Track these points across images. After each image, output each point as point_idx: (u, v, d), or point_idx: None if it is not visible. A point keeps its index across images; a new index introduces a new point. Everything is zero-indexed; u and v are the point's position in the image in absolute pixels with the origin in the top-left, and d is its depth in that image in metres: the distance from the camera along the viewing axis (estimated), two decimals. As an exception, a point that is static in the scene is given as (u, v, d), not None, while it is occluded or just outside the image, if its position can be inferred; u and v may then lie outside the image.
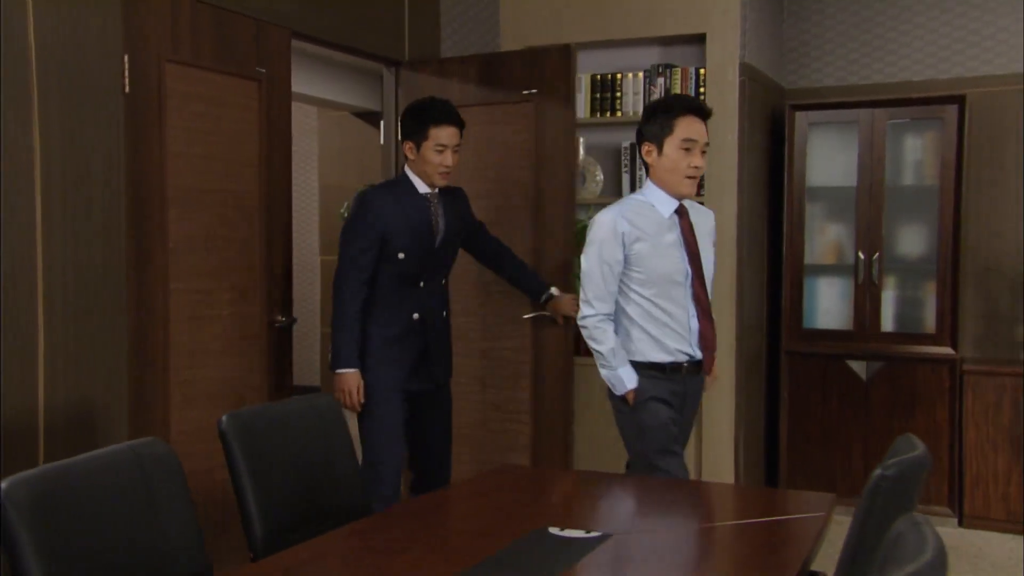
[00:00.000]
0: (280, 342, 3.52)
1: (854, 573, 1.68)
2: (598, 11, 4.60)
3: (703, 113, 2.99)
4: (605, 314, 2.96)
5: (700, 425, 4.48)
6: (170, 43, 2.96)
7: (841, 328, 4.80)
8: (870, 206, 4.69)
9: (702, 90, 4.47)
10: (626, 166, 4.70)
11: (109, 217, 2.75)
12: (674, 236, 2.97)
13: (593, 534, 2.05)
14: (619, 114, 4.67)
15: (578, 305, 3.10)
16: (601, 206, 4.63)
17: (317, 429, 2.45)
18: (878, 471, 1.75)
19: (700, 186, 4.51)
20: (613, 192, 4.74)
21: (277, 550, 2.05)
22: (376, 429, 3.28)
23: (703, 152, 2.99)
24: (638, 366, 2.96)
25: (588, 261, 2.97)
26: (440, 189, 3.42)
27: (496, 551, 1.95)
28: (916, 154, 4.74)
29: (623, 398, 2.98)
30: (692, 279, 2.96)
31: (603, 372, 2.97)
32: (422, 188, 3.36)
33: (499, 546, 1.98)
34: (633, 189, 4.68)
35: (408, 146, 3.35)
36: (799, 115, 4.76)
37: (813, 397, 4.81)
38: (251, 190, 3.35)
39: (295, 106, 6.71)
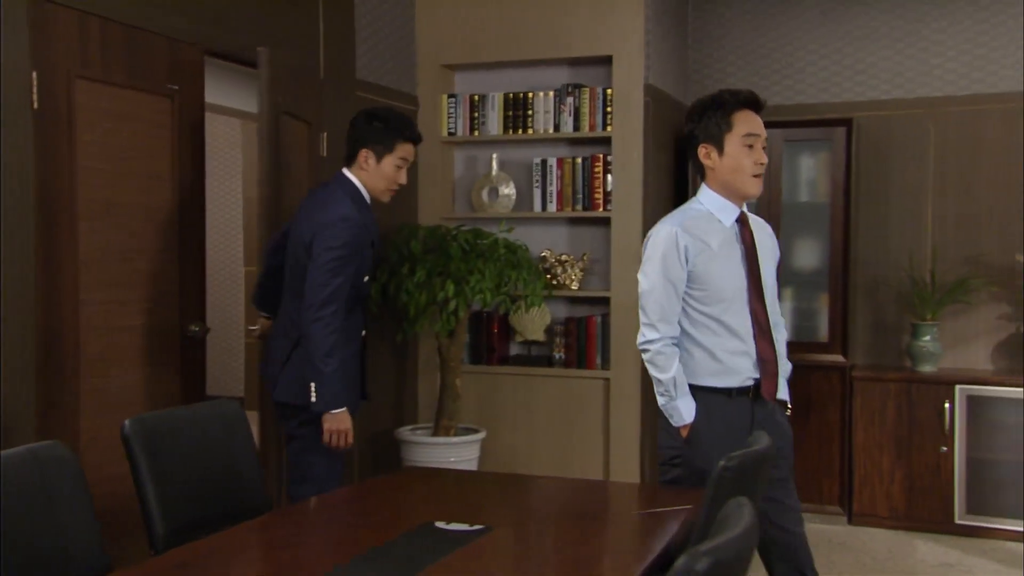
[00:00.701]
0: (193, 351, 3.60)
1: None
2: (511, 32, 4.79)
3: (758, 105, 2.75)
4: (671, 338, 2.67)
5: (607, 429, 4.69)
6: (80, 60, 3.04)
7: (741, 337, 5.03)
8: (768, 221, 4.93)
9: (609, 109, 4.69)
10: (537, 181, 4.89)
11: (17, 230, 2.82)
12: (736, 247, 2.71)
13: (476, 527, 2.21)
14: (531, 131, 4.86)
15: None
16: (513, 220, 4.86)
17: (221, 433, 2.56)
18: (722, 462, 1.93)
19: (608, 201, 4.73)
20: (525, 207, 4.92)
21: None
22: (334, 459, 3.10)
23: (763, 149, 2.74)
24: (701, 391, 2.67)
25: (649, 279, 2.69)
26: None
27: (383, 542, 2.09)
28: (810, 173, 5.03)
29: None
30: (750, 294, 2.69)
31: (660, 400, 2.68)
32: (368, 200, 3.20)
33: (387, 538, 2.12)
34: (544, 204, 4.88)
35: (365, 154, 3.14)
36: (701, 134, 5.00)
37: (715, 403, 5.03)
38: (164, 203, 3.44)
39: (219, 118, 6.79)
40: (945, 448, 4.62)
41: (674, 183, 5.14)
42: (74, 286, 3.08)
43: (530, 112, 4.87)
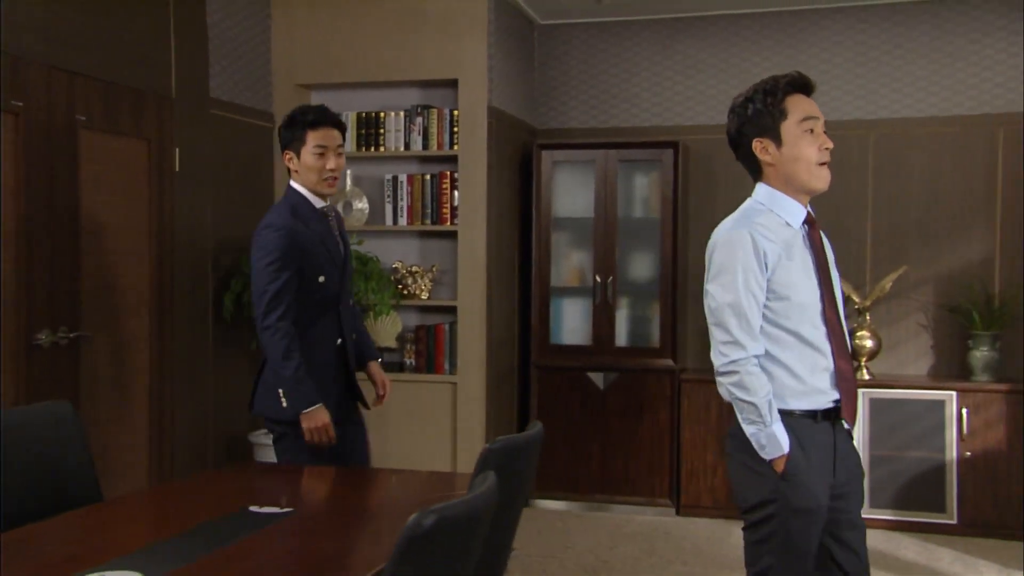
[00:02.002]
0: (41, 359, 3.72)
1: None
2: (364, 54, 5.06)
3: (809, 87, 2.45)
4: (756, 355, 2.35)
5: (455, 430, 4.98)
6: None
7: (582, 344, 5.41)
8: (605, 235, 5.34)
9: (455, 129, 5.00)
10: (389, 197, 5.15)
11: None
12: (807, 252, 2.42)
13: (286, 510, 2.45)
14: (383, 149, 5.13)
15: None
16: (366, 234, 5.12)
17: (53, 432, 2.73)
18: (487, 446, 2.22)
19: (455, 216, 5.03)
20: (378, 220, 5.18)
21: None
22: (323, 458, 3.08)
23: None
24: (786, 416, 2.35)
25: (728, 291, 2.35)
26: (332, 206, 3.28)
27: (197, 524, 2.31)
28: (643, 191, 5.44)
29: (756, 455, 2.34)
30: (824, 304, 2.40)
31: (750, 431, 2.33)
32: (317, 203, 3.17)
33: (203, 520, 2.34)
34: (395, 218, 5.15)
35: (288, 157, 3.17)
36: (545, 154, 5.37)
37: (559, 406, 5.38)
38: (8, 216, 3.56)
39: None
40: (761, 443, 5.07)
41: (520, 199, 5.48)
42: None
43: (382, 131, 5.14)
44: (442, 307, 5.18)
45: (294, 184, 3.19)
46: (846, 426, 2.44)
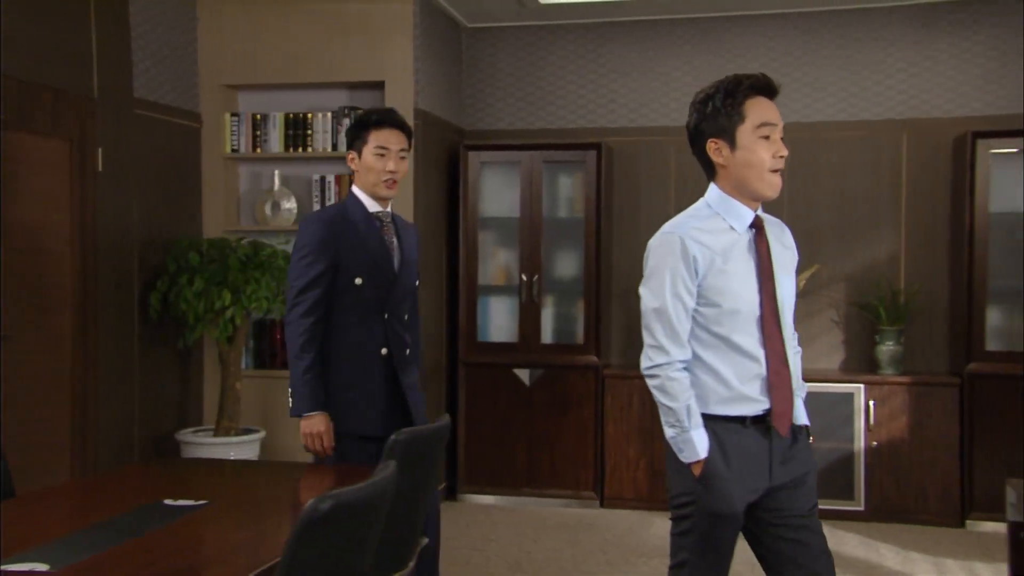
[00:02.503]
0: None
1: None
2: (291, 56, 5.11)
3: (772, 90, 2.40)
4: (681, 361, 2.33)
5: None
6: None
7: (509, 341, 5.52)
8: (531, 235, 5.46)
9: (383, 131, 5.07)
10: (317, 197, 5.21)
11: None
12: (750, 257, 2.36)
13: (200, 502, 2.52)
14: (311, 150, 5.18)
15: None
16: (293, 234, 5.17)
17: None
18: (392, 437, 2.32)
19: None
20: (306, 220, 5.23)
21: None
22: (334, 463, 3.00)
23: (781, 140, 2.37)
24: (711, 421, 2.34)
25: (656, 296, 2.34)
26: (393, 214, 3.20)
27: (110, 517, 2.37)
28: (567, 191, 5.58)
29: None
30: (763, 311, 2.34)
31: (669, 433, 2.35)
32: (371, 207, 3.11)
33: (117, 513, 2.40)
34: (323, 217, 5.20)
35: (351, 157, 3.13)
36: (472, 155, 5.47)
37: (486, 402, 5.49)
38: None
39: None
40: (681, 436, 5.24)
41: (448, 199, 5.58)
42: None
43: (310, 132, 5.19)
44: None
45: (353, 187, 3.15)
46: (807, 426, 2.45)
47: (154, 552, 2.10)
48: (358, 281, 3.01)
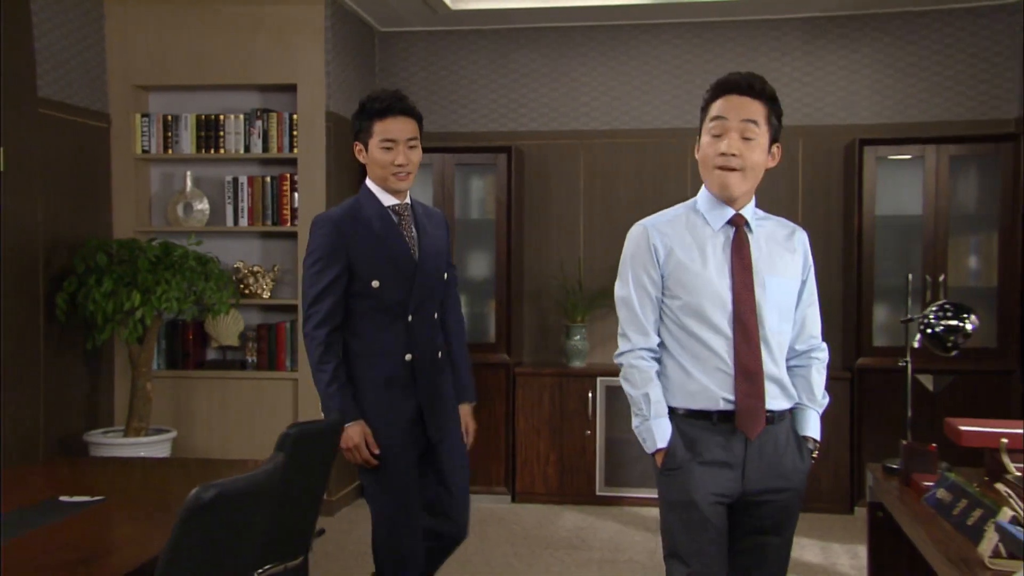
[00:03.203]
0: None
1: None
2: (202, 57, 5.13)
3: (739, 89, 2.33)
4: (644, 348, 2.35)
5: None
6: None
7: (423, 339, 5.61)
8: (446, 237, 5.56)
9: (295, 133, 5.13)
10: (230, 198, 5.24)
11: None
12: (724, 254, 2.33)
13: (96, 498, 2.57)
14: (223, 151, 5.21)
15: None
16: (207, 234, 5.19)
17: None
18: (285, 431, 2.40)
19: (295, 217, 5.14)
20: (219, 221, 5.26)
21: None
22: (379, 476, 2.85)
23: (746, 139, 2.29)
24: (678, 415, 2.33)
25: (623, 286, 2.40)
26: (413, 202, 2.96)
27: (6, 512, 2.41)
28: (480, 193, 5.70)
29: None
30: (735, 309, 2.30)
31: (634, 421, 2.36)
32: (387, 200, 2.88)
33: (14, 507, 2.44)
34: (236, 219, 5.24)
35: (357, 149, 2.91)
36: (385, 157, 5.55)
37: (400, 399, 5.57)
38: None
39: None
40: (589, 432, 5.41)
41: (361, 201, 5.65)
42: None
43: (222, 133, 5.22)
44: (284, 306, 5.30)
45: (366, 180, 2.93)
46: (813, 438, 2.38)
47: (45, 546, 2.15)
48: (375, 284, 2.78)
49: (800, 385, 2.40)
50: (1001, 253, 5.06)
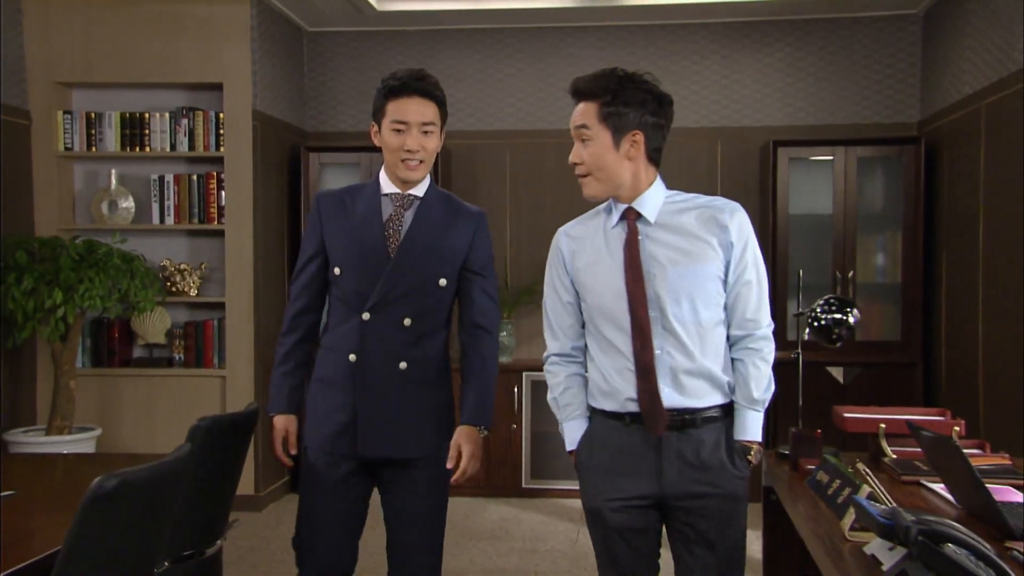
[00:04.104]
0: None
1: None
2: (126, 55, 5.12)
3: (575, 94, 2.38)
4: (556, 354, 2.39)
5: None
6: None
7: (351, 336, 5.67)
8: (372, 234, 5.63)
9: (222, 132, 5.15)
10: (156, 196, 5.24)
11: None
12: (619, 249, 2.29)
13: (6, 493, 2.60)
14: (148, 149, 5.21)
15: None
16: (132, 232, 5.19)
17: None
18: (196, 422, 2.47)
19: (222, 215, 5.15)
20: (145, 219, 5.26)
21: None
22: (303, 497, 2.61)
23: (583, 141, 2.33)
24: (596, 415, 2.33)
25: (545, 291, 2.42)
26: (428, 198, 2.62)
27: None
28: (407, 192, 5.77)
29: None
30: (630, 306, 2.24)
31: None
32: (387, 187, 2.59)
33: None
34: (162, 217, 5.25)
35: (374, 131, 2.62)
36: (312, 156, 5.60)
37: (329, 396, 5.62)
38: None
39: None
40: (515, 426, 5.52)
41: (287, 199, 5.69)
42: None
43: (147, 131, 5.22)
44: (211, 303, 5.32)
45: (383, 166, 2.64)
46: (753, 441, 2.31)
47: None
48: (337, 271, 2.56)
49: (737, 382, 2.30)
50: (904, 251, 5.29)
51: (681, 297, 2.23)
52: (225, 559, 4.07)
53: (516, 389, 5.52)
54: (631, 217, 2.30)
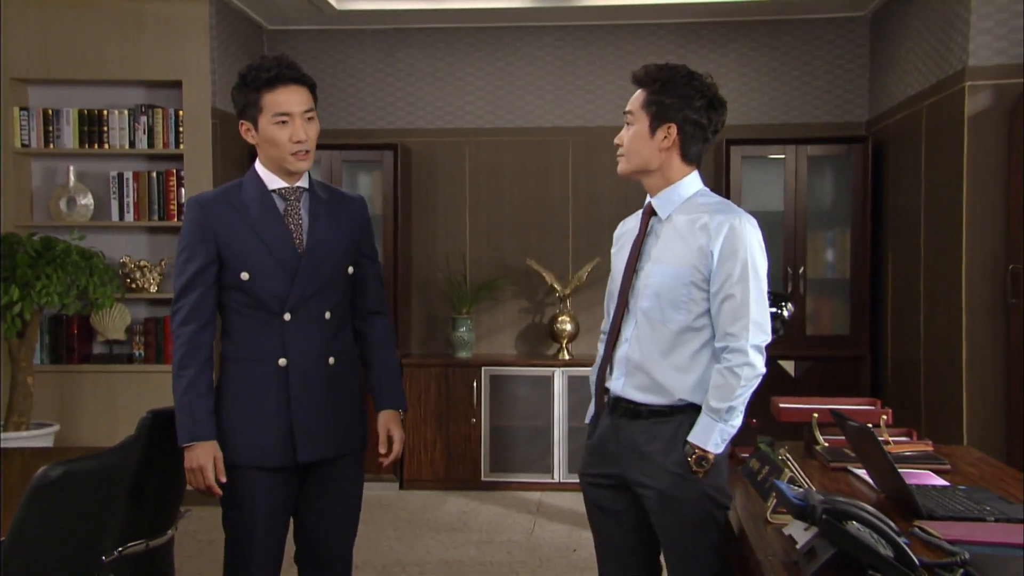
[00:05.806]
0: None
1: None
2: (84, 51, 5.14)
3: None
4: (602, 331, 2.57)
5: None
6: None
7: (312, 332, 5.72)
8: (332, 231, 5.68)
9: (181, 129, 5.18)
10: (115, 193, 5.26)
11: None
12: (630, 241, 2.46)
13: (-40, 487, 2.64)
14: (107, 146, 5.23)
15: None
16: (89, 230, 5.20)
17: None
18: (144, 415, 2.51)
19: (182, 212, 5.18)
20: (104, 216, 5.28)
21: None
22: (237, 523, 2.50)
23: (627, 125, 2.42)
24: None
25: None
26: (313, 187, 2.56)
27: None
28: (367, 189, 5.83)
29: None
30: (620, 295, 2.41)
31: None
32: (273, 183, 2.50)
33: None
34: (121, 214, 5.27)
35: (244, 128, 2.50)
36: (273, 153, 5.64)
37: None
38: None
39: None
40: (474, 420, 5.60)
41: (250, 196, 5.72)
42: None
43: (106, 128, 5.23)
44: (171, 300, 5.32)
45: (256, 163, 2.54)
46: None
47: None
48: (244, 276, 2.44)
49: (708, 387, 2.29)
50: (853, 247, 5.42)
51: (653, 294, 2.32)
52: (183, 553, 4.13)
53: (475, 384, 5.59)
54: (647, 212, 2.43)
